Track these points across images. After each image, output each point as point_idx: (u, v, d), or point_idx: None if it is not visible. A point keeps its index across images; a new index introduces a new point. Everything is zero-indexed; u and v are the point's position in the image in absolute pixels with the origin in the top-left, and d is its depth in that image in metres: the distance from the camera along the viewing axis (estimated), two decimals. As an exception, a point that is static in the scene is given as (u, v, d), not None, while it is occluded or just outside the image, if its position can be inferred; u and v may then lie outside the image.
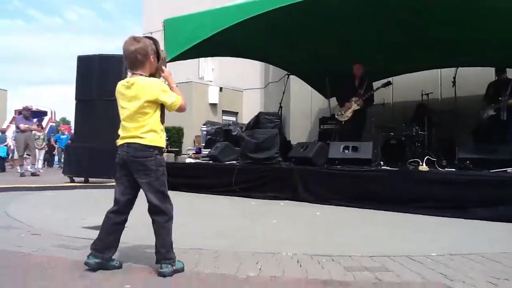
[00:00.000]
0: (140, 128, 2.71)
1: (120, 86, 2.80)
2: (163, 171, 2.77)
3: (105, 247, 2.70)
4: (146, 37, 2.84)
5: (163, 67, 2.92)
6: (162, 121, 2.82)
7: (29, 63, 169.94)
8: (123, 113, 2.77)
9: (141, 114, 2.71)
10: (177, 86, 2.91)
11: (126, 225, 2.79)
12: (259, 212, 5.65)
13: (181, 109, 2.83)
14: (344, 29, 8.05)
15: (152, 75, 2.82)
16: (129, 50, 2.74)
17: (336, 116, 8.63)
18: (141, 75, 2.76)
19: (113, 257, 2.75)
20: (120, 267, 2.73)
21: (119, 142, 2.78)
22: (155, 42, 2.85)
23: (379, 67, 9.36)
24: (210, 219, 5.12)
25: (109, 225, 2.74)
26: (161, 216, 2.70)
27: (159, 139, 2.77)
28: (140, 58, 2.74)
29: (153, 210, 2.72)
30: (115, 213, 2.75)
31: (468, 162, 6.06)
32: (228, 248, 3.33)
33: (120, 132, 2.80)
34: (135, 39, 2.77)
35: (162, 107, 2.80)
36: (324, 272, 2.74)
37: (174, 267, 2.63)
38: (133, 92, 2.71)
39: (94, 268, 2.65)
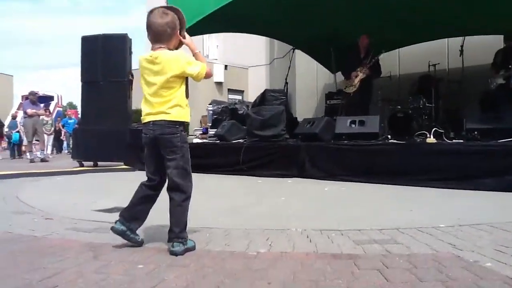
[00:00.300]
0: (166, 103, 2.68)
1: (143, 60, 2.73)
2: (187, 148, 2.76)
3: (132, 217, 2.74)
4: (168, 7, 2.79)
5: (185, 34, 2.85)
6: (187, 95, 2.78)
7: (35, 47, 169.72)
8: (147, 88, 2.72)
9: (166, 88, 2.67)
10: (199, 51, 2.86)
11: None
12: (267, 190, 5.69)
13: (207, 77, 2.80)
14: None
15: (175, 48, 2.79)
16: (158, 23, 2.68)
17: (343, 90, 8.57)
18: (169, 49, 2.72)
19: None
20: (140, 244, 2.77)
21: (145, 119, 2.74)
22: (177, 12, 2.78)
23: (385, 38, 9.26)
24: (219, 198, 5.16)
25: (140, 196, 2.78)
26: (179, 193, 2.69)
27: (185, 114, 2.75)
28: (169, 31, 2.70)
29: (172, 186, 2.70)
30: (147, 187, 2.79)
31: (476, 133, 6.03)
32: (238, 226, 3.36)
33: (144, 107, 2.76)
34: (164, 11, 2.70)
35: (187, 80, 2.77)
36: (333, 246, 2.77)
37: (185, 246, 2.66)
38: (158, 66, 2.66)
39: (118, 233, 2.70)
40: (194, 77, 2.73)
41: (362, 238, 2.93)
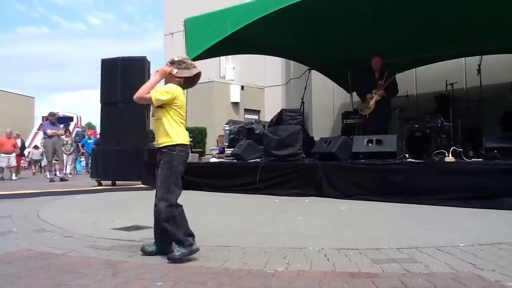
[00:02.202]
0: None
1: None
2: None
3: (192, 234, 3.03)
4: None
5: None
6: None
7: (55, 70, 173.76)
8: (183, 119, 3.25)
9: None
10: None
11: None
12: (284, 209, 5.67)
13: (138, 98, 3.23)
14: (366, 19, 8.00)
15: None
16: None
17: (360, 112, 8.51)
18: None
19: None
20: None
21: (187, 141, 3.23)
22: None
23: (403, 58, 9.28)
24: (236, 216, 5.17)
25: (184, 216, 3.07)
26: None
27: None
28: None
29: None
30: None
31: (495, 151, 5.95)
32: (255, 244, 3.37)
33: (184, 135, 3.21)
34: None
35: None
36: (351, 264, 2.76)
37: None
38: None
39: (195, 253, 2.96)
40: None
41: (380, 257, 2.91)
